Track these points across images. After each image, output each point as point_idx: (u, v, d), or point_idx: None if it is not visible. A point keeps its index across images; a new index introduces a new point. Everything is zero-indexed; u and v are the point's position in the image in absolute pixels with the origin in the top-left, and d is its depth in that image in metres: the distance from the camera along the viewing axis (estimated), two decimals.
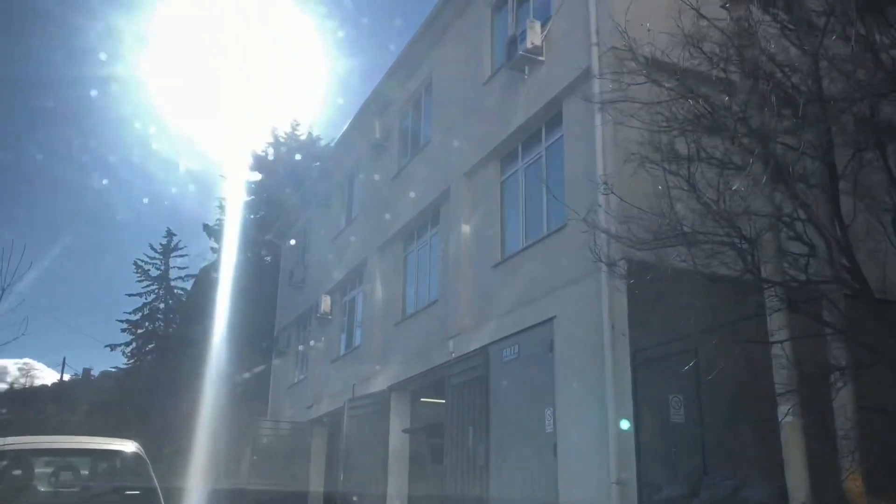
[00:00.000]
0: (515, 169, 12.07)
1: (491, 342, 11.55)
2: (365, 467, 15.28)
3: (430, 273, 14.85)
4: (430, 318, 14.25)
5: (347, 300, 19.29)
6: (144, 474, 5.55)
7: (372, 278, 17.01)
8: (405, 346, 14.99)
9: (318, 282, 20.75)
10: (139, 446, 5.90)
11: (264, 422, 19.64)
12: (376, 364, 16.17)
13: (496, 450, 11.02)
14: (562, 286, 10.05)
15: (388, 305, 16.30)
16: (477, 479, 11.32)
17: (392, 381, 15.07)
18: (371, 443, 15.25)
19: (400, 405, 15.15)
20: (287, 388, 22.75)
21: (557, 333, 9.99)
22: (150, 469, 5.64)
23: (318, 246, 21.69)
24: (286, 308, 23.81)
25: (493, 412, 11.24)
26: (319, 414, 19.13)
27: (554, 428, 9.75)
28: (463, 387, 12.19)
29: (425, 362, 13.81)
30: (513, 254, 11.64)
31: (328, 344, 19.82)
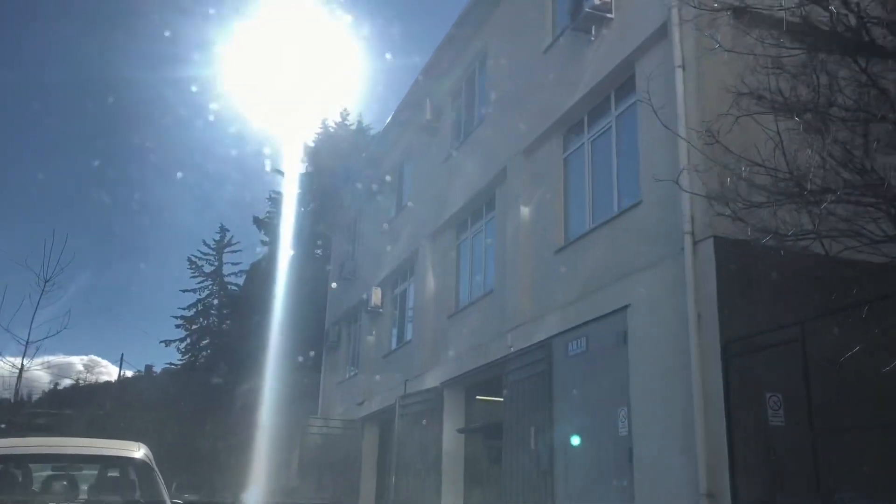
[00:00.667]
0: (580, 143, 10.90)
1: (554, 335, 10.44)
2: (417, 469, 14.31)
3: (486, 261, 13.78)
4: (485, 309, 13.20)
5: (398, 293, 18.37)
6: (150, 484, 4.64)
7: (423, 269, 16.03)
8: (459, 340, 13.97)
9: (369, 274, 19.88)
10: (148, 451, 4.99)
11: (313, 419, 18.85)
12: (429, 359, 15.19)
13: (561, 454, 9.90)
14: (636, 270, 8.88)
15: (440, 297, 15.30)
16: (540, 486, 10.22)
17: (445, 378, 14.07)
18: (424, 443, 14.27)
19: (454, 403, 14.15)
20: (338, 385, 21.96)
21: (632, 324, 8.82)
22: (158, 477, 4.73)
23: (369, 237, 20.83)
24: (337, 302, 23.03)
25: (558, 412, 10.13)
26: (371, 411, 18.25)
27: (629, 431, 8.60)
28: (523, 383, 11.10)
29: (481, 357, 12.77)
30: (578, 237, 10.48)
31: (379, 338, 18.93)
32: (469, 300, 14.12)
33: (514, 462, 11.07)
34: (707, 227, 7.77)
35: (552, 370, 10.36)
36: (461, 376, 13.56)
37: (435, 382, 14.41)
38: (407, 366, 16.34)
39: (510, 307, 11.91)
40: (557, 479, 9.90)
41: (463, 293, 14.66)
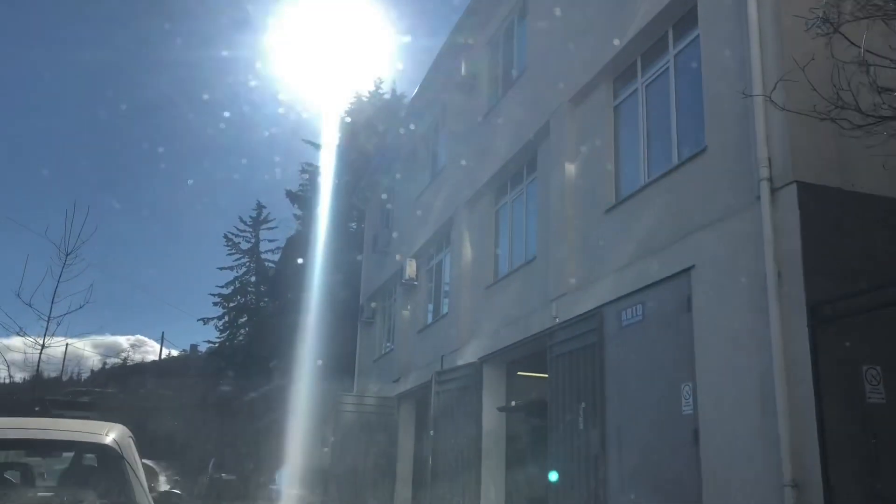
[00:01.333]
0: (633, 88, 9.75)
1: (605, 303, 9.38)
2: (455, 449, 13.41)
3: (527, 227, 12.73)
4: (527, 278, 12.17)
5: (434, 264, 17.41)
6: (117, 475, 3.74)
7: (460, 238, 15.03)
8: (498, 313, 12.98)
9: (403, 246, 18.96)
10: (121, 436, 4.09)
11: (346, 396, 18.05)
12: (466, 333, 14.24)
13: (615, 435, 8.88)
14: (701, 227, 7.77)
15: (478, 267, 14.31)
16: (590, 469, 9.22)
17: (484, 352, 13.11)
18: (462, 422, 13.36)
19: (494, 379, 13.19)
20: (373, 362, 21.19)
21: (697, 287, 7.72)
22: (130, 467, 3.83)
23: (403, 207, 19.88)
24: (371, 276, 22.20)
25: (610, 388, 9.09)
26: (406, 388, 17.41)
27: (694, 409, 7.53)
28: (570, 357, 10.08)
29: (523, 330, 11.77)
30: (632, 193, 9.37)
31: (414, 312, 18.04)
32: (509, 269, 13.10)
33: (560, 444, 10.08)
34: (789, 170, 6.63)
35: (603, 342, 9.31)
36: (501, 351, 12.59)
37: (473, 358, 13.47)
38: (443, 341, 15.43)
39: (555, 275, 10.86)
40: (610, 463, 8.89)
41: (502, 262, 13.65)
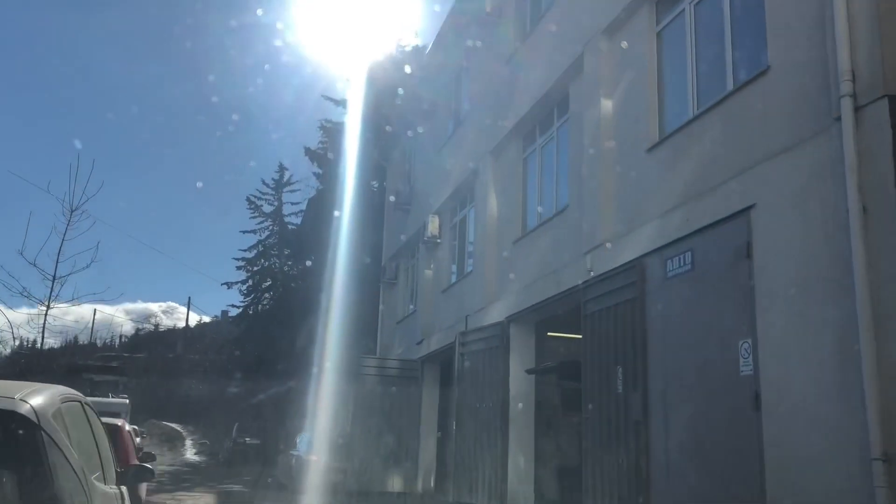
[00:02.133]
0: (680, 9, 8.57)
1: (647, 252, 8.34)
2: (481, 415, 12.54)
3: (558, 174, 11.67)
4: (559, 230, 11.14)
5: (458, 220, 16.42)
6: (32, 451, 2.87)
7: (484, 190, 14.00)
8: (527, 268, 11.99)
9: (425, 202, 17.97)
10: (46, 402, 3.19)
11: (368, 359, 17.22)
12: (492, 292, 13.29)
13: (658, 399, 7.90)
14: (765, 159, 6.67)
15: (504, 221, 13.29)
16: (630, 437, 8.27)
17: (511, 311, 12.15)
18: (488, 385, 12.47)
19: (522, 340, 12.25)
20: (396, 324, 20.37)
21: (759, 229, 6.65)
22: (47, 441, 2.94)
23: (424, 162, 18.87)
24: (393, 235, 21.29)
25: (653, 347, 8.09)
26: (430, 351, 16.56)
27: (754, 370, 6.52)
28: (606, 314, 9.08)
29: (553, 286, 10.77)
30: (679, 127, 8.26)
31: (437, 272, 17.11)
32: (538, 221, 12.07)
33: (595, 409, 9.13)
34: (878, 82, 5.51)
35: (645, 296, 8.29)
36: (530, 309, 11.61)
37: (499, 317, 12.53)
38: (468, 300, 14.50)
39: (589, 224, 9.82)
40: (653, 431, 7.92)
41: (530, 215, 12.61)
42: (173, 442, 40.89)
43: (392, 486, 16.40)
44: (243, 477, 23.81)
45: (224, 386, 42.77)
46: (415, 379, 17.13)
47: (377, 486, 16.24)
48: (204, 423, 44.51)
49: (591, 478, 9.10)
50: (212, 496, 15.71)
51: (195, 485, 20.17)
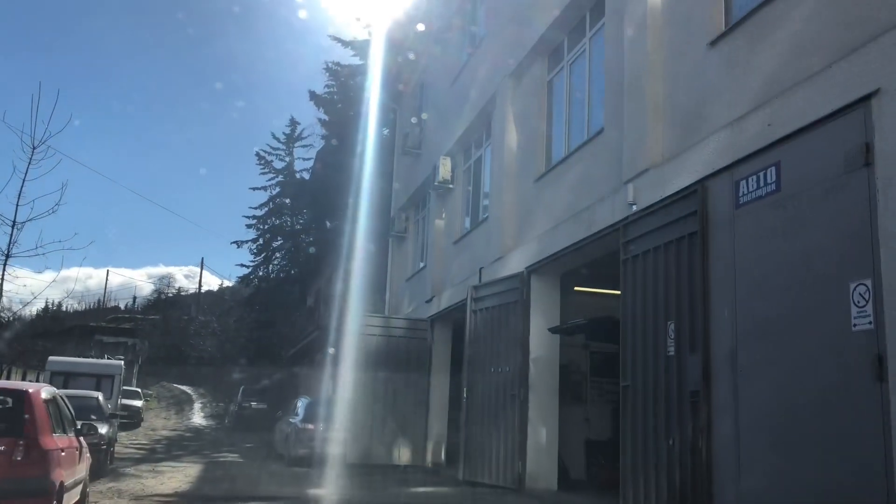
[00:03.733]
0: None
1: (711, 173, 6.42)
2: (497, 380, 10.76)
3: (590, 94, 9.70)
4: (591, 159, 9.21)
5: (472, 162, 14.50)
6: None
7: (502, 123, 12.05)
8: (551, 209, 10.10)
9: (437, 144, 16.06)
10: None
11: (371, 318, 15.41)
12: (510, 239, 11.42)
13: (725, 363, 6.03)
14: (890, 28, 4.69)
15: (525, 156, 11.37)
16: (685, 411, 6.43)
17: (532, 260, 10.30)
18: (504, 347, 10.66)
19: (544, 294, 10.42)
20: (406, 281, 18.58)
21: (883, 126, 4.71)
22: None
23: (436, 98, 16.88)
24: (402, 183, 19.41)
25: (719, 295, 6.20)
26: (441, 308, 14.77)
27: (875, 323, 4.62)
28: (654, 257, 7.19)
29: (583, 227, 8.88)
30: (757, 6, 6.25)
31: (450, 221, 15.24)
32: (566, 152, 10.13)
33: (638, 374, 7.29)
34: None
35: (708, 229, 6.39)
36: (554, 257, 9.74)
37: (518, 268, 10.68)
38: (483, 250, 12.67)
39: (632, 146, 7.88)
40: (717, 403, 6.07)
41: (557, 145, 10.67)
42: (182, 405, 39.74)
43: (398, 458, 14.74)
44: (245, 444, 22.37)
45: (235, 348, 41.52)
46: (423, 340, 15.38)
47: (381, 458, 14.59)
48: (214, 387, 43.42)
49: (630, 459, 7.30)
50: (197, 468, 14.21)
51: (189, 453, 18.70)
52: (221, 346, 44.98)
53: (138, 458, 16.45)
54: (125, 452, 17.56)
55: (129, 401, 28.13)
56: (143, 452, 18.20)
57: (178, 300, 73.57)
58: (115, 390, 21.84)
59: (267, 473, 13.76)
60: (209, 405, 39.78)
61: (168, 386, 48.03)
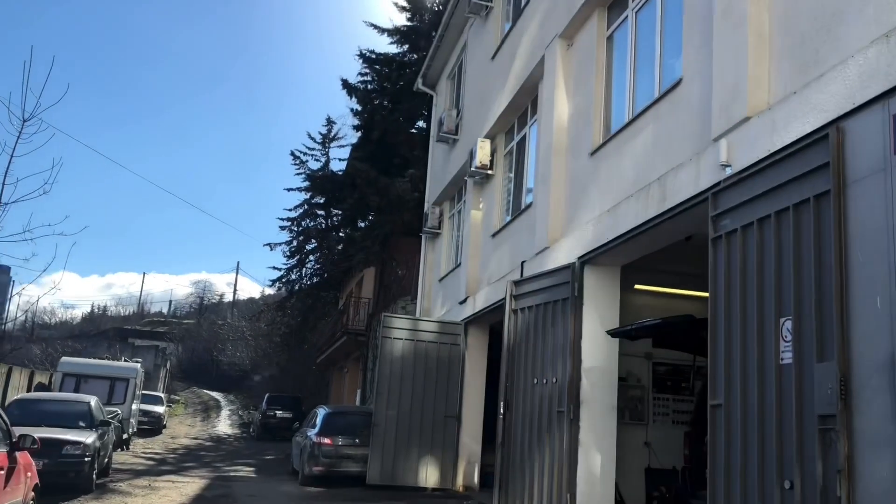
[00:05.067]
0: None
1: (853, 108, 4.58)
2: (540, 393, 8.95)
3: (665, 43, 7.88)
4: (663, 120, 7.40)
5: (514, 144, 12.74)
6: None
7: (551, 91, 10.28)
8: (610, 186, 8.30)
9: (474, 127, 14.36)
10: None
11: (395, 319, 13.64)
12: (558, 225, 9.63)
13: (874, 375, 4.17)
14: None
15: (578, 128, 9.59)
16: (810, 441, 4.57)
17: (586, 248, 8.50)
18: (550, 353, 8.85)
19: (600, 289, 8.62)
20: (438, 281, 16.86)
21: None
22: None
23: (475, 77, 15.17)
24: (436, 174, 17.74)
25: (864, 277, 4.34)
26: (476, 310, 13.02)
27: None
28: (759, 231, 5.35)
29: (654, 202, 7.08)
30: None
31: (488, 212, 13.51)
32: (630, 116, 8.31)
33: (735, 390, 5.42)
34: None
35: (845, 187, 4.55)
36: (614, 243, 7.93)
37: (568, 258, 8.89)
38: (526, 241, 10.91)
39: (725, 91, 6.06)
40: (863, 434, 4.20)
41: (617, 111, 8.86)
42: (209, 412, 38.53)
43: (425, 479, 13.00)
44: (265, 455, 20.84)
45: (265, 354, 40.24)
46: (456, 346, 13.64)
47: (406, 479, 12.88)
48: (245, 393, 42.19)
49: (725, 498, 5.43)
50: (199, 484, 12.67)
51: (201, 465, 17.20)
52: (252, 351, 43.75)
53: (141, 469, 14.97)
54: (131, 463, 16.11)
55: (150, 406, 26.89)
56: (151, 463, 16.74)
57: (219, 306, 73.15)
58: (129, 394, 20.52)
59: (275, 494, 12.11)
60: (237, 412, 38.49)
61: (198, 392, 47.02)
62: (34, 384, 19.93)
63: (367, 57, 22.10)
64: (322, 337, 31.44)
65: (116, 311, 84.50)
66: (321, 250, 38.24)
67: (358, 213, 21.68)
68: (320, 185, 25.77)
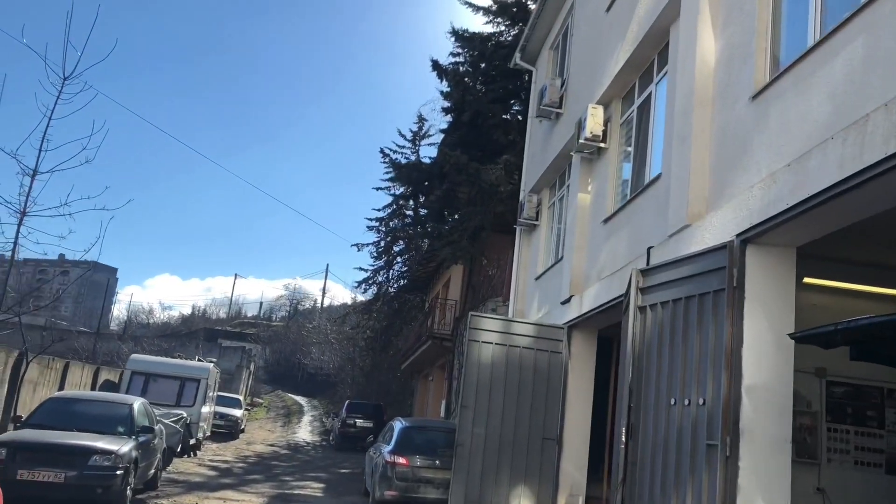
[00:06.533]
0: None
1: None
2: (678, 419, 6.65)
3: None
4: (879, 28, 5.03)
5: (634, 109, 10.45)
6: None
7: (691, 29, 7.98)
8: (785, 135, 5.98)
9: (582, 95, 12.15)
10: None
11: (482, 320, 11.44)
12: (704, 195, 7.33)
13: None
14: None
15: (731, 68, 7.27)
16: None
17: (748, 223, 6.18)
18: (694, 364, 6.54)
19: (770, 278, 6.27)
20: (535, 280, 14.69)
21: None
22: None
23: (584, 38, 12.95)
24: (534, 157, 15.59)
25: None
26: (583, 311, 10.79)
27: None
28: None
29: (877, 142, 4.72)
30: None
31: (599, 193, 11.26)
32: (816, 37, 5.95)
33: None
34: None
35: None
36: (794, 213, 5.59)
37: (719, 237, 6.59)
38: (652, 223, 8.64)
39: None
40: None
41: (793, 35, 6.50)
42: (290, 417, 37.37)
43: None
44: (340, 469, 19.11)
45: (349, 358, 38.86)
46: (557, 354, 11.42)
47: None
48: (329, 399, 40.95)
49: None
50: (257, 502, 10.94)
51: (266, 478, 15.56)
52: (335, 355, 42.50)
53: (196, 482, 13.38)
54: (191, 473, 14.59)
55: (226, 409, 25.69)
56: (212, 474, 15.19)
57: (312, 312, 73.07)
58: (198, 396, 19.15)
59: None
60: (320, 418, 37.18)
61: (283, 395, 46.19)
62: (100, 382, 18.87)
63: (460, 34, 20.15)
64: (407, 342, 29.65)
65: (214, 313, 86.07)
66: (409, 252, 36.66)
67: (446, 206, 19.70)
68: (406, 175, 23.92)
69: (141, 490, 11.15)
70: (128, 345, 41.83)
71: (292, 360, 51.80)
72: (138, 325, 77.75)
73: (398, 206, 37.40)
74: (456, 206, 20.41)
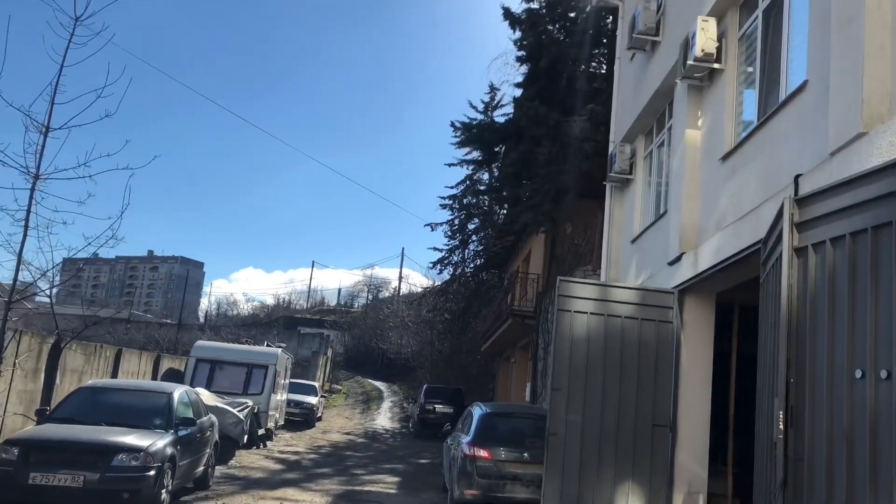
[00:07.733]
0: None
1: None
2: (871, 397, 4.69)
3: None
4: None
5: (757, 19, 8.38)
6: None
7: None
8: None
9: (686, 14, 10.11)
10: None
11: (574, 286, 9.50)
12: (882, 92, 5.29)
13: None
14: None
15: None
16: None
17: None
18: (889, 323, 4.56)
19: None
20: (630, 243, 12.73)
21: None
22: None
23: None
24: (626, 103, 13.55)
25: None
26: (698, 271, 8.82)
27: None
28: None
29: None
30: None
31: (714, 124, 9.23)
32: None
33: None
34: None
35: None
36: None
37: None
38: (798, 147, 6.65)
39: None
40: None
41: None
42: (369, 403, 36.25)
43: None
44: (419, 458, 17.62)
45: (426, 342, 37.49)
46: (667, 324, 9.48)
47: None
48: (409, 384, 39.75)
49: None
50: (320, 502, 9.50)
51: (336, 472, 14.17)
52: (412, 338, 41.20)
53: (256, 478, 12.05)
54: (255, 466, 13.31)
55: (301, 396, 24.58)
56: (277, 468, 13.86)
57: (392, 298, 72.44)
58: (266, 383, 17.94)
59: None
60: (400, 404, 35.97)
61: (362, 381, 45.30)
62: (162, 371, 17.92)
63: None
64: (485, 322, 27.95)
65: (296, 303, 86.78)
66: (484, 229, 34.96)
67: (523, 170, 17.81)
68: (478, 136, 22.10)
69: (189, 490, 9.88)
70: (207, 335, 41.58)
71: (371, 346, 50.93)
72: (223, 317, 78.85)
73: (471, 181, 35.69)
74: (535, 170, 18.52)
